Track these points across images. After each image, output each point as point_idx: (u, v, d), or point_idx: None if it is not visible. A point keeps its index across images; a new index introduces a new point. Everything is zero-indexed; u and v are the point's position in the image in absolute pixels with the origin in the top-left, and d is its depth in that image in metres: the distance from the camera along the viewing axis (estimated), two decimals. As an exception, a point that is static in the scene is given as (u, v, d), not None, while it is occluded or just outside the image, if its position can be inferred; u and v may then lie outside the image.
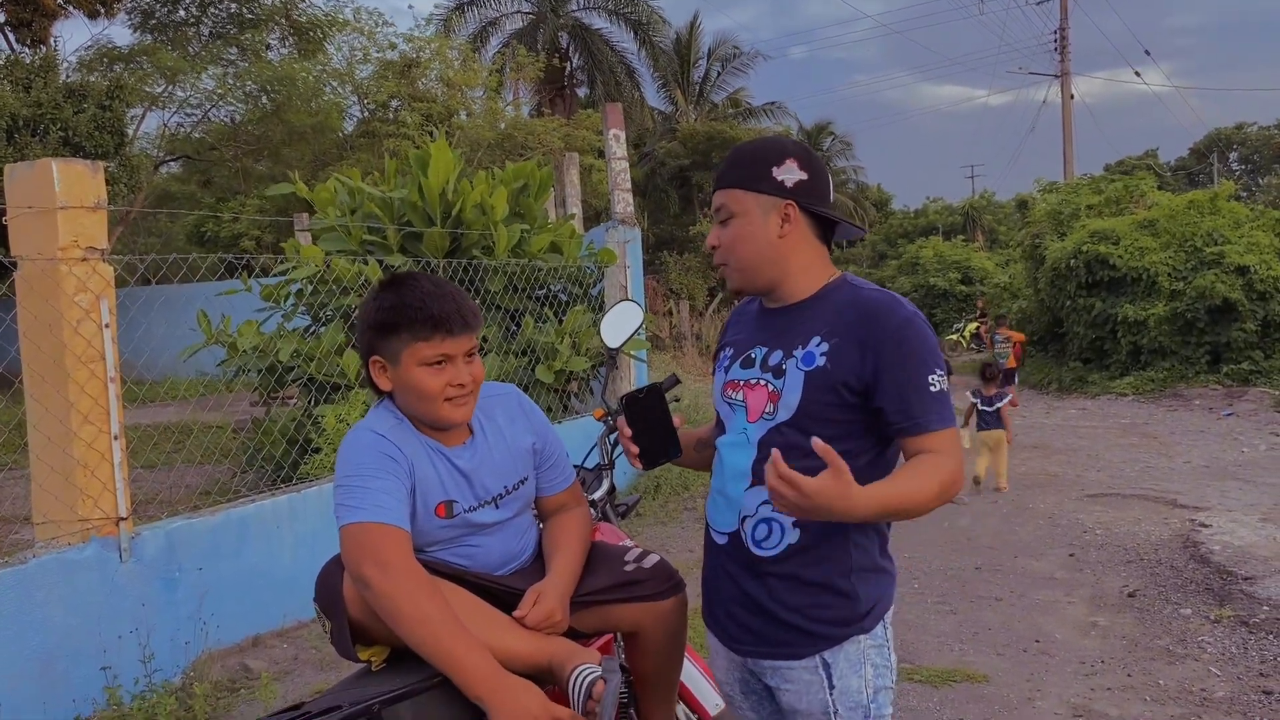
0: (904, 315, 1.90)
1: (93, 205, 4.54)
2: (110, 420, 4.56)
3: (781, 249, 1.98)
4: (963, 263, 34.71)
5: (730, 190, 2.00)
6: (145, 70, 21.45)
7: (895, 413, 1.86)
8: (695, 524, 7.63)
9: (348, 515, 1.93)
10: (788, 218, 1.96)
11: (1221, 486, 8.52)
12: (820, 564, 1.93)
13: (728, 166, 2.03)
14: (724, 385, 2.10)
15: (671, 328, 21.85)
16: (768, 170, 1.96)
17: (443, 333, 2.00)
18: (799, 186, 1.96)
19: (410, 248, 7.24)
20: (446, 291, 2.04)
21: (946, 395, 1.89)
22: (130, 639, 4.50)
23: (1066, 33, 32.77)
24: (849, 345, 1.89)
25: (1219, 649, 4.73)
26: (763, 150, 2.00)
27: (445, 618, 1.87)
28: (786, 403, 1.93)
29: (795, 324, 1.99)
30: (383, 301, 2.04)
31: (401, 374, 2.03)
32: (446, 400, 2.03)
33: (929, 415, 1.85)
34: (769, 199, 1.96)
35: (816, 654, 1.94)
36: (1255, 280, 16.35)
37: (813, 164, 1.99)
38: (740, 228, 1.99)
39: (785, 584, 1.95)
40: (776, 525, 1.95)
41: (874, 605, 1.95)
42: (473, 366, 2.06)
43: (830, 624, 1.93)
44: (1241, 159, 56.26)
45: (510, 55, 26.56)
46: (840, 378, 1.89)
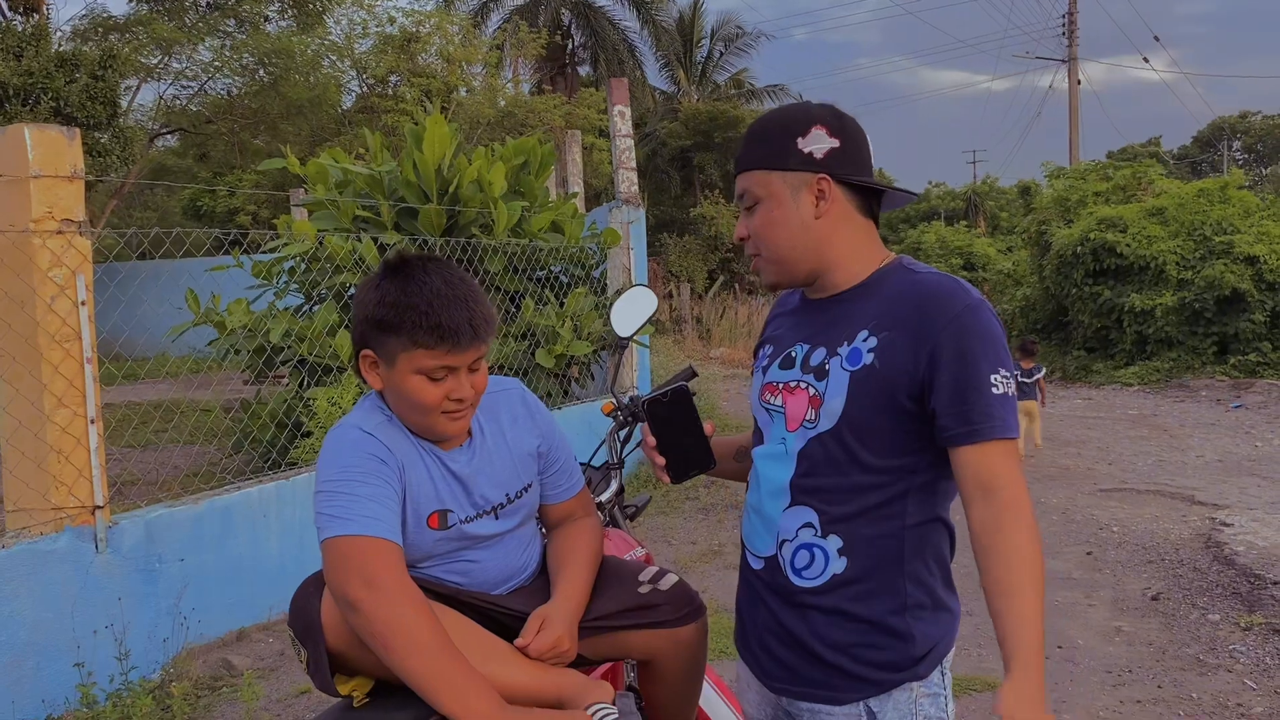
0: (968, 302, 1.62)
1: (69, 175, 4.27)
2: (86, 403, 4.32)
3: (820, 232, 1.70)
4: (965, 248, 34.42)
5: (752, 173, 1.73)
6: (140, 40, 21.06)
7: (948, 416, 1.59)
8: (698, 514, 7.41)
9: (332, 527, 1.68)
10: (823, 194, 1.68)
11: (1239, 483, 8.29)
12: (870, 599, 1.67)
13: (747, 145, 1.76)
14: (762, 388, 1.82)
15: (672, 311, 21.63)
16: (792, 143, 1.69)
17: (449, 344, 1.71)
18: (831, 156, 1.69)
19: (405, 225, 6.97)
20: (460, 294, 1.74)
21: (1011, 399, 1.60)
22: (106, 634, 4.27)
23: (1075, 17, 32.43)
24: (902, 340, 1.62)
25: (1252, 659, 4.50)
26: (784, 120, 1.72)
27: (443, 647, 1.63)
28: (829, 409, 1.66)
29: (842, 317, 1.71)
30: (385, 294, 1.75)
31: (395, 377, 1.76)
32: (443, 414, 1.77)
33: (990, 421, 1.57)
34: (797, 175, 1.69)
35: (861, 700, 1.68)
36: (1265, 270, 16.12)
37: (845, 128, 1.71)
38: (769, 213, 1.71)
39: (828, 619, 1.69)
40: (820, 552, 1.69)
41: (932, 648, 1.68)
42: (476, 377, 1.79)
43: (879, 668, 1.67)
44: (1245, 148, 55.96)
45: (511, 31, 26.19)
46: (891, 378, 1.62)
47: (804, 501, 1.70)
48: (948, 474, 1.66)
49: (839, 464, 1.67)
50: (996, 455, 1.58)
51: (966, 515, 1.61)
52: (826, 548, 1.68)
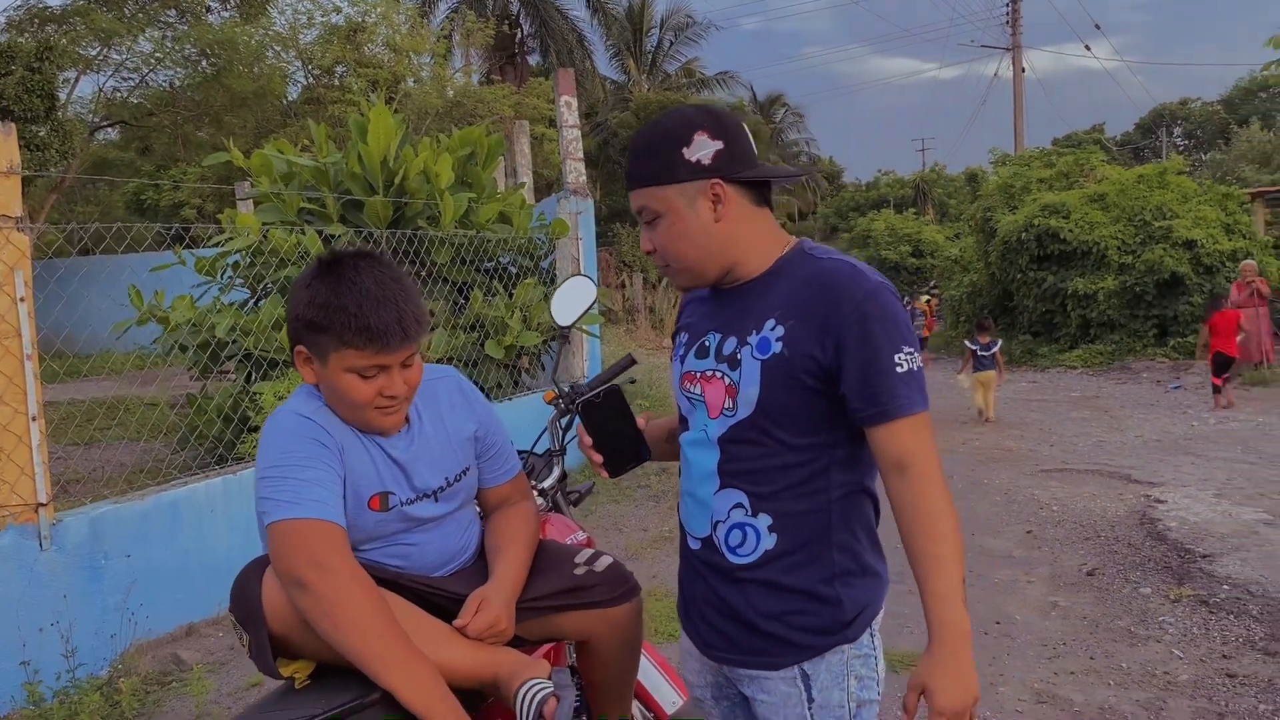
0: (868, 287, 1.68)
1: (4, 170, 4.23)
2: (28, 400, 4.28)
3: (723, 233, 1.75)
4: (914, 236, 34.87)
5: (645, 189, 1.76)
6: (78, 31, 20.63)
7: (858, 398, 1.67)
8: (649, 501, 7.48)
9: (279, 511, 1.72)
10: (718, 198, 1.73)
11: (1174, 461, 8.53)
12: (800, 570, 1.75)
13: (634, 161, 1.78)
14: (682, 377, 1.89)
15: (625, 300, 21.66)
16: (678, 154, 1.72)
17: (378, 345, 1.76)
18: (718, 159, 1.72)
19: (351, 217, 6.95)
20: (389, 294, 1.77)
21: (916, 375, 1.68)
22: (51, 632, 4.24)
23: (1018, 5, 32.86)
24: (807, 327, 1.69)
25: (1180, 630, 4.66)
26: (666, 133, 1.75)
27: (389, 626, 1.69)
28: (745, 397, 1.73)
29: (750, 306, 1.78)
30: (315, 294, 1.78)
31: (328, 374, 1.81)
32: (376, 409, 1.82)
33: (896, 400, 1.65)
34: (690, 185, 1.72)
35: (795, 664, 1.77)
36: (1202, 254, 16.53)
37: (725, 128, 1.74)
38: (671, 227, 1.75)
39: (763, 591, 1.77)
40: (751, 530, 1.76)
41: (860, 612, 1.77)
42: (409, 373, 1.84)
43: (811, 633, 1.76)
44: (1186, 134, 57.02)
45: (459, 21, 26.02)
46: (799, 364, 1.69)
47: (732, 484, 1.77)
48: (865, 444, 1.74)
49: (761, 447, 1.74)
50: (906, 431, 1.66)
51: (886, 490, 1.70)
52: (757, 526, 1.76)
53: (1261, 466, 8.11)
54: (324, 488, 1.75)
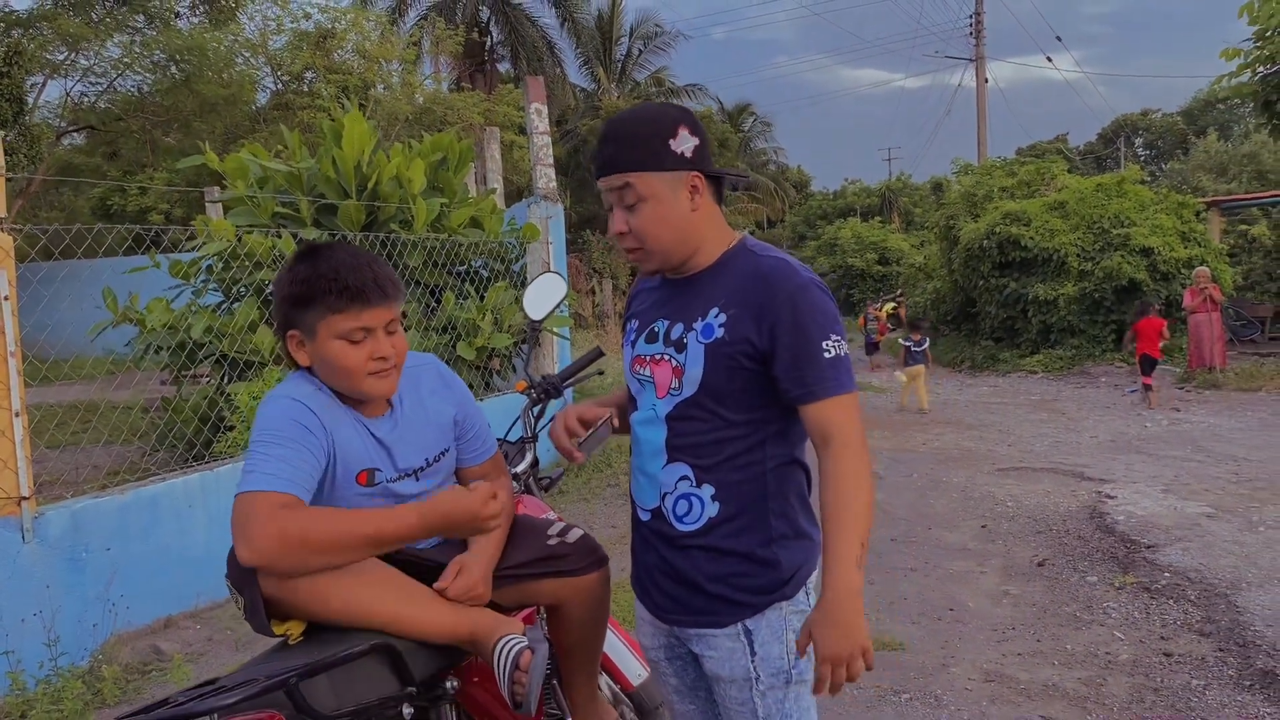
0: (798, 282, 1.87)
1: (-11, 172, 4.34)
2: (11, 396, 4.39)
3: (696, 222, 1.94)
4: (880, 244, 35.30)
5: (630, 174, 1.90)
6: (46, 36, 20.56)
7: (788, 380, 1.85)
8: (618, 499, 7.64)
9: (240, 484, 1.84)
10: (696, 189, 1.92)
11: (1126, 460, 8.81)
12: (741, 534, 1.94)
13: (619, 147, 1.91)
14: (632, 361, 2.07)
15: (594, 306, 21.81)
16: (664, 145, 1.89)
17: (359, 304, 1.93)
18: (697, 154, 1.91)
19: (325, 221, 7.08)
20: (362, 261, 1.96)
21: (842, 360, 1.86)
22: (34, 622, 4.35)
23: (982, 17, 33.37)
24: (745, 315, 1.88)
25: (1123, 614, 4.90)
26: (654, 123, 1.90)
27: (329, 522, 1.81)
28: (690, 377, 1.92)
29: (696, 295, 1.97)
30: (296, 273, 1.97)
31: (319, 348, 1.96)
32: (370, 375, 1.97)
33: (823, 382, 1.84)
34: (674, 175, 1.90)
35: (738, 622, 1.95)
36: (1159, 261, 16.92)
37: (700, 128, 1.94)
38: (653, 210, 1.91)
39: (707, 555, 1.95)
40: (696, 500, 1.95)
41: (796, 571, 1.96)
42: (395, 339, 2.00)
43: (753, 592, 1.94)
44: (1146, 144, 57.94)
45: (429, 28, 26.12)
46: (739, 348, 1.87)
47: (678, 458, 1.96)
48: (797, 420, 1.93)
49: (704, 423, 1.93)
50: (832, 409, 1.84)
51: (818, 459, 1.88)
52: (702, 496, 1.95)
53: (1208, 465, 8.41)
54: (289, 464, 1.85)
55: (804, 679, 1.97)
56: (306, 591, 1.87)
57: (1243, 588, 5.14)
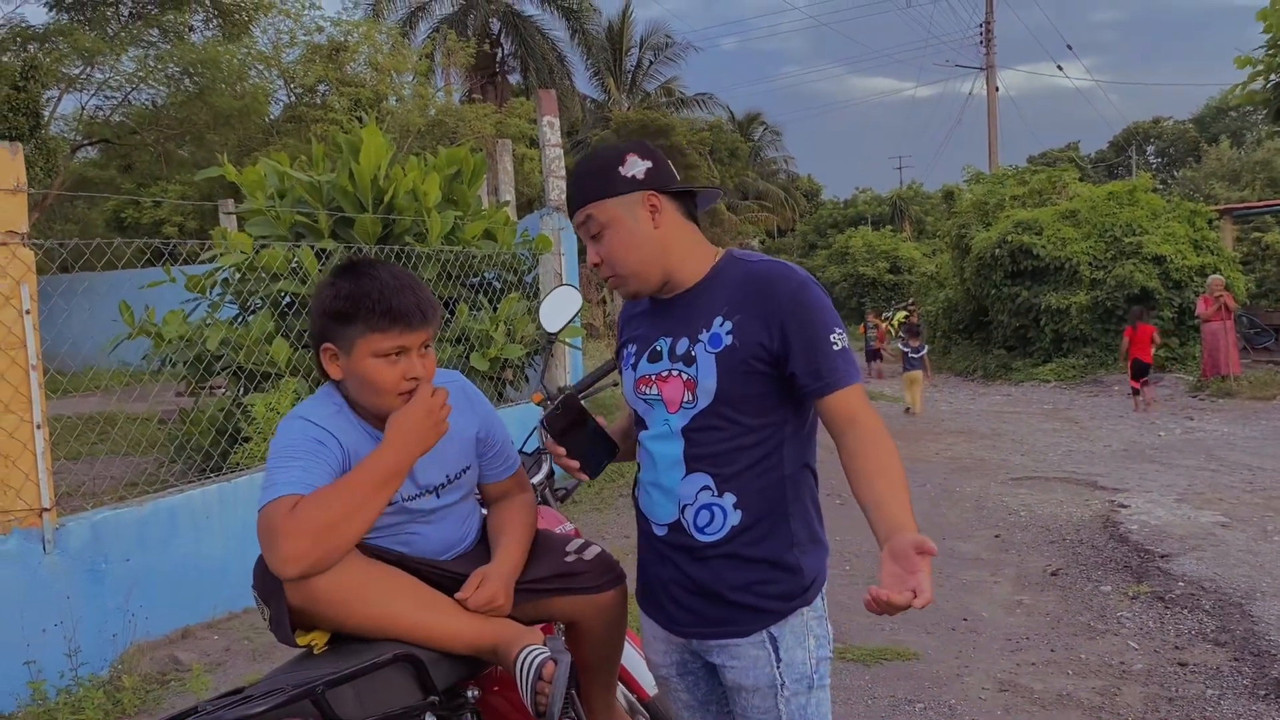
0: (797, 281, 1.94)
1: (12, 188, 4.41)
2: (33, 409, 4.45)
3: (661, 240, 1.99)
4: (891, 252, 35.28)
5: (588, 206, 2.00)
6: (61, 51, 20.75)
7: (806, 375, 1.90)
8: (630, 510, 7.64)
9: (260, 499, 1.88)
10: (655, 207, 1.98)
11: (1140, 469, 8.80)
12: (764, 541, 1.97)
13: (576, 186, 2.03)
14: (635, 383, 2.10)
15: (606, 316, 21.85)
16: (614, 172, 1.98)
17: (401, 326, 1.95)
18: (649, 175, 1.98)
19: (341, 233, 7.14)
20: (406, 283, 1.99)
21: (848, 352, 1.93)
22: (55, 632, 4.40)
23: (992, 26, 33.39)
24: (752, 319, 1.92)
25: (1137, 624, 4.90)
26: (601, 158, 2.02)
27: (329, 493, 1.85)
28: (705, 388, 1.95)
29: (694, 309, 2.01)
30: (340, 289, 1.98)
31: (354, 364, 1.99)
32: (400, 394, 2.00)
33: (838, 373, 1.89)
34: (629, 197, 1.97)
35: (764, 629, 1.97)
36: (1171, 269, 16.89)
37: (651, 152, 2.01)
38: (615, 235, 1.98)
39: (731, 564, 1.97)
40: (719, 509, 1.97)
41: (815, 577, 2.00)
42: (426, 359, 2.03)
43: (777, 599, 1.97)
44: (1158, 152, 57.85)
45: (440, 40, 26.26)
46: (750, 352, 1.92)
47: (698, 469, 1.98)
48: (807, 423, 1.99)
49: (722, 431, 1.96)
50: (850, 396, 1.90)
51: (838, 448, 1.89)
52: (724, 504, 1.97)
53: (1223, 473, 8.39)
54: (300, 470, 1.90)
55: (824, 683, 2.00)
56: (330, 602, 1.90)
57: (1257, 597, 5.13)
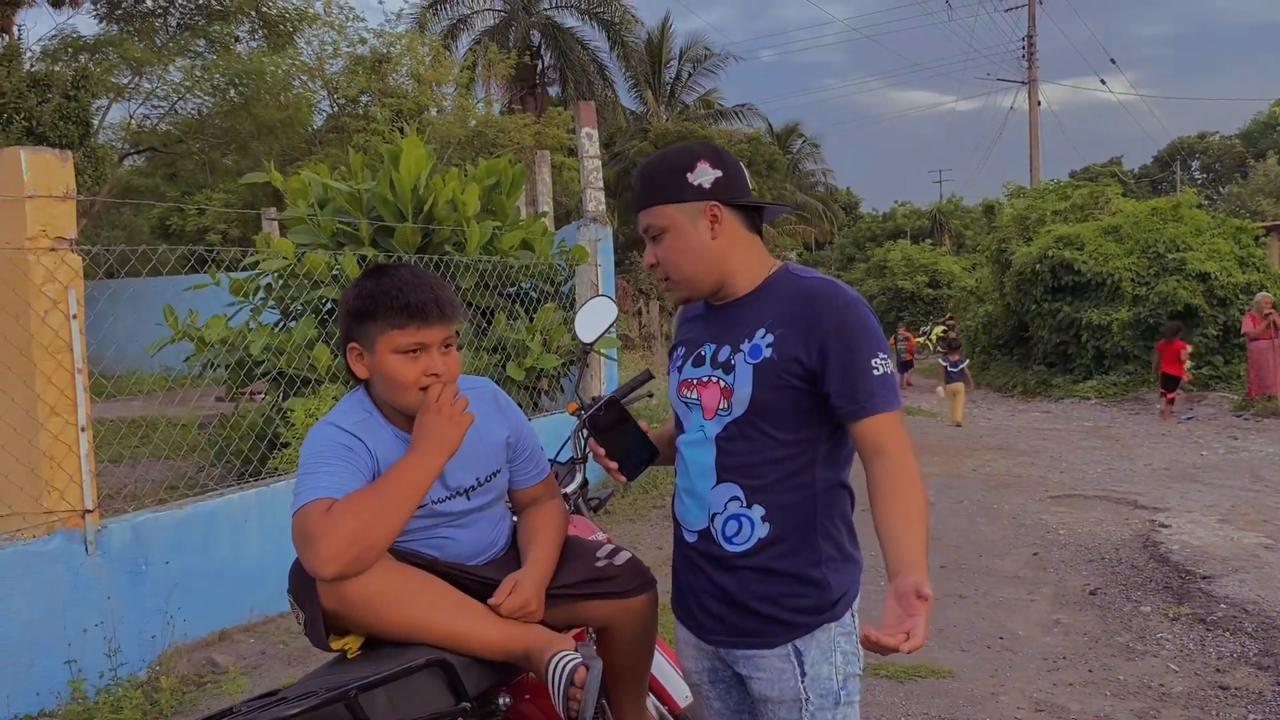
0: (844, 300, 1.93)
1: (61, 195, 4.50)
2: (77, 412, 4.52)
3: (718, 250, 1.99)
4: (930, 266, 35.05)
5: (652, 209, 2.01)
6: (111, 61, 21.16)
7: (840, 397, 1.89)
8: (664, 521, 7.66)
9: (294, 503, 1.92)
10: (716, 218, 1.98)
11: (1181, 488, 8.67)
12: (791, 555, 1.97)
13: (642, 186, 2.03)
14: (679, 385, 2.12)
15: (641, 327, 21.90)
16: (682, 178, 1.98)
17: (418, 321, 1.99)
18: (717, 185, 1.98)
19: (382, 242, 7.21)
20: (425, 281, 2.04)
21: (890, 378, 1.91)
22: (95, 632, 4.47)
23: (1034, 40, 33.15)
24: (793, 334, 1.92)
25: (1177, 645, 4.82)
26: (672, 160, 2.01)
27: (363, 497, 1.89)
28: (739, 397, 1.96)
29: (741, 318, 2.01)
30: (362, 289, 2.05)
31: (377, 362, 2.03)
32: (421, 390, 2.03)
33: (874, 398, 1.88)
34: (692, 205, 1.98)
35: (789, 642, 1.97)
36: (1216, 287, 16.65)
37: (723, 159, 2.00)
38: (673, 241, 2.00)
39: (757, 575, 1.98)
40: (746, 520, 1.98)
41: (844, 593, 1.99)
42: (448, 358, 2.06)
43: (802, 612, 1.96)
44: (1203, 168, 57.12)
45: (482, 52, 26.50)
46: (787, 367, 1.91)
47: (728, 478, 1.99)
48: (845, 442, 1.98)
49: (754, 442, 1.96)
50: (883, 425, 1.88)
51: (866, 474, 1.91)
52: (752, 516, 1.97)
53: (1267, 494, 8.24)
54: (337, 476, 1.94)
55: (852, 700, 1.99)
56: (364, 606, 1.92)
57: (1302, 621, 5.03)
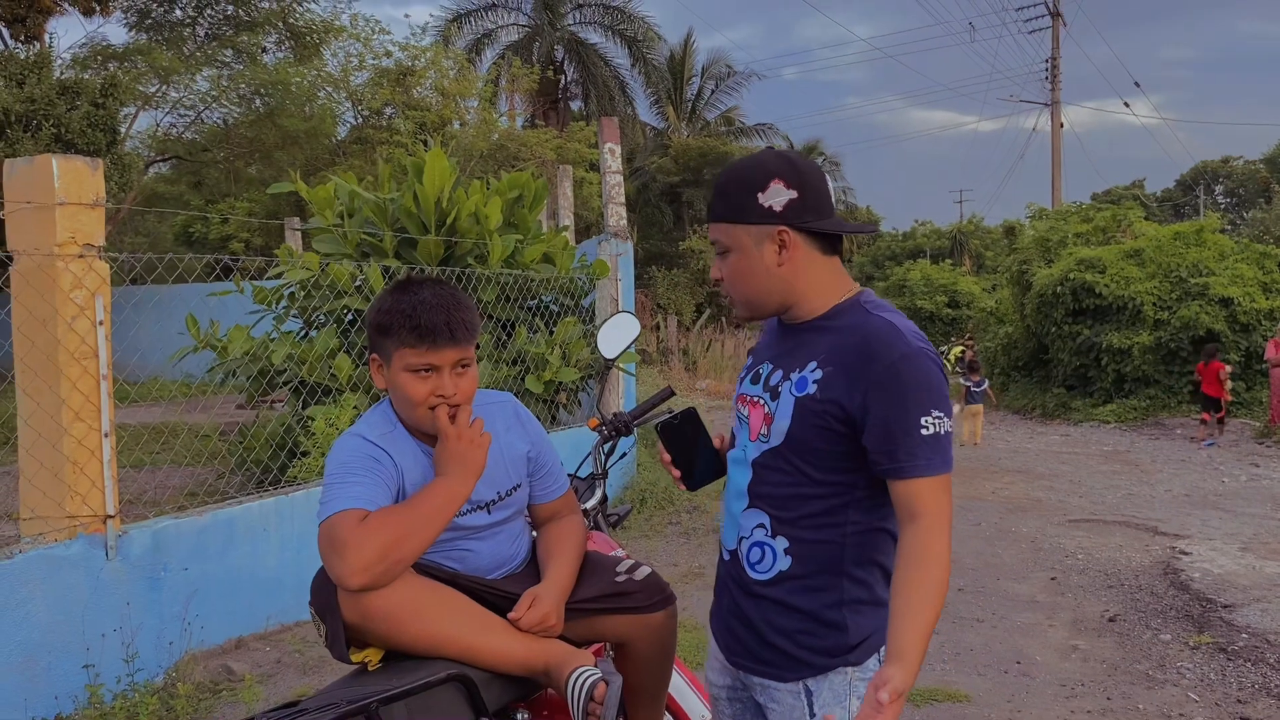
0: (903, 350, 1.78)
1: (91, 202, 4.54)
2: (101, 418, 4.56)
3: (783, 276, 1.89)
4: (950, 286, 34.89)
5: (720, 225, 1.92)
6: (139, 69, 21.40)
7: (878, 453, 1.77)
8: (680, 539, 7.65)
9: (320, 514, 1.95)
10: (784, 244, 1.86)
11: (1202, 515, 8.59)
12: (810, 593, 1.90)
13: (716, 197, 1.93)
14: (737, 398, 2.06)
15: (659, 342, 21.90)
16: (752, 198, 1.85)
17: (427, 343, 2.01)
18: (789, 208, 1.85)
19: (405, 254, 7.26)
20: (443, 302, 2.04)
21: (941, 439, 1.76)
22: (114, 637, 4.49)
23: (1057, 62, 33.09)
24: (841, 376, 1.81)
25: (1198, 675, 4.77)
26: (746, 176, 1.88)
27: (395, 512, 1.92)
28: (778, 427, 1.88)
29: (800, 345, 1.92)
30: (384, 302, 2.08)
31: (392, 375, 2.07)
32: (430, 409, 2.05)
33: (914, 460, 1.74)
34: (760, 229, 1.86)
35: (801, 680, 1.92)
36: (1239, 312, 16.52)
37: (802, 178, 1.86)
38: (737, 262, 1.91)
39: (775, 607, 1.93)
40: (769, 549, 1.93)
41: (866, 638, 1.90)
42: (462, 380, 2.07)
43: (816, 652, 1.90)
44: (1227, 192, 56.81)
45: (505, 67, 26.66)
46: (827, 408, 1.81)
47: (758, 505, 1.95)
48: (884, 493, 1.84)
49: (785, 475, 1.90)
50: (922, 489, 1.75)
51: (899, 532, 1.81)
52: (775, 547, 1.93)
53: (1290, 523, 8.16)
54: (365, 487, 1.97)
55: None
56: (385, 619, 1.93)
57: (1325, 653, 4.98)
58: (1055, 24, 33.14)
